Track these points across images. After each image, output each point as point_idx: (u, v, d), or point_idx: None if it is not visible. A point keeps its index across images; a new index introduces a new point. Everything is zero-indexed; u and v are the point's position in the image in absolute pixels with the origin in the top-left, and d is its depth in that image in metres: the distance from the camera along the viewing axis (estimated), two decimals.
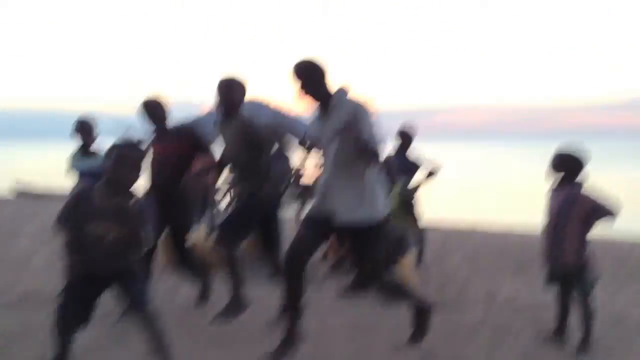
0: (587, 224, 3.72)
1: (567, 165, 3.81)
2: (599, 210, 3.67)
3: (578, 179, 3.79)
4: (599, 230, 3.92)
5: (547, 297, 4.97)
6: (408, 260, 5.03)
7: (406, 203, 5.65)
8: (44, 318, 4.23)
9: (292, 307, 3.56)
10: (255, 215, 4.28)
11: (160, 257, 6.11)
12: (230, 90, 4.21)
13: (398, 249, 5.17)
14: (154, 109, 4.51)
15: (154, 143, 4.56)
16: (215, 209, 7.92)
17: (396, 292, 3.80)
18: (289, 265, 3.51)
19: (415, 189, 6.03)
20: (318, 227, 3.57)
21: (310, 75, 3.54)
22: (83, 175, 4.93)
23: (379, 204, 3.53)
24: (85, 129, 4.95)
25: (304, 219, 3.69)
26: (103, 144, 4.94)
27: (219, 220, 7.69)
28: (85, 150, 4.98)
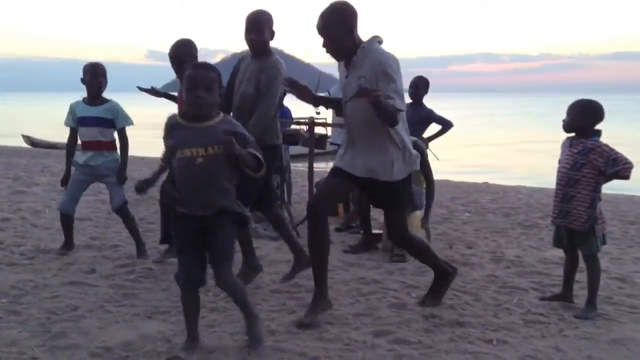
0: (601, 177, 3.63)
1: (587, 115, 3.68)
2: (617, 161, 3.54)
3: (596, 130, 3.69)
4: (608, 188, 3.86)
5: (554, 256, 4.98)
6: (418, 216, 5.01)
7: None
8: (52, 274, 4.32)
9: (318, 257, 3.49)
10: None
11: None
12: (261, 33, 4.01)
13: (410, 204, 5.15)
14: (181, 55, 4.44)
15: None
16: None
17: (417, 250, 3.82)
18: (314, 210, 3.48)
19: (427, 142, 5.97)
20: (344, 177, 3.56)
21: (330, 32, 3.46)
22: (85, 124, 4.72)
23: (405, 161, 3.54)
24: (93, 74, 4.69)
25: (331, 169, 3.69)
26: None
27: None
28: (91, 98, 4.75)
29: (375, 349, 3.09)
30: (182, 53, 4.51)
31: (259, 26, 4.02)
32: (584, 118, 3.69)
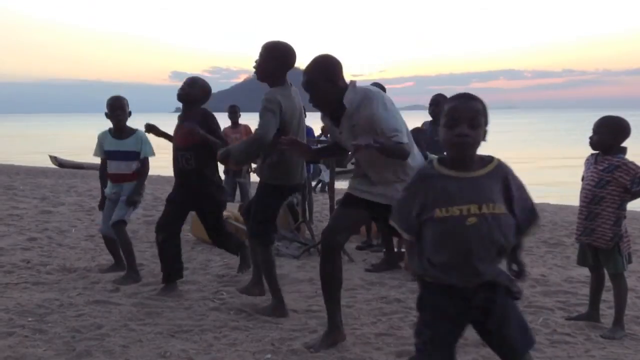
0: (626, 195, 3.57)
1: (616, 133, 3.62)
2: None
3: (621, 147, 3.65)
4: (634, 206, 3.80)
5: (580, 275, 4.90)
6: None
7: None
8: (77, 293, 4.37)
9: (329, 291, 3.37)
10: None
11: (193, 230, 6.21)
12: (268, 56, 3.83)
13: None
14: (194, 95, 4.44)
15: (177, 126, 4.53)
16: (245, 182, 7.98)
17: None
18: (328, 244, 3.37)
19: None
20: (358, 207, 3.44)
21: (314, 86, 3.36)
22: (113, 157, 4.87)
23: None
24: (111, 109, 4.78)
25: (344, 196, 3.58)
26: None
27: (247, 196, 7.77)
28: (116, 131, 4.86)
29: None
30: (196, 94, 4.46)
31: (263, 52, 3.86)
32: (614, 136, 3.64)
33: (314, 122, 6.24)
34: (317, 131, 7.51)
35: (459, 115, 2.13)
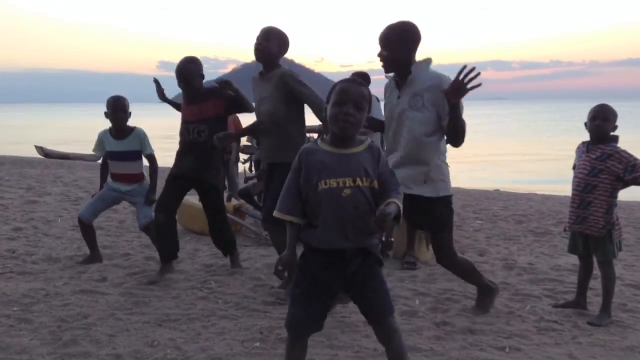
0: (618, 183, 3.58)
1: (614, 120, 3.62)
2: (636, 167, 3.48)
3: (613, 135, 3.65)
4: (621, 196, 3.81)
5: (567, 263, 4.93)
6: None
7: None
8: (63, 282, 4.33)
9: None
10: None
11: (181, 221, 6.18)
12: (267, 39, 4.03)
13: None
14: (183, 70, 4.45)
15: (185, 105, 4.56)
16: (233, 173, 7.94)
17: (463, 271, 3.76)
18: None
19: None
20: None
21: (391, 44, 3.48)
22: (114, 158, 4.83)
23: (447, 177, 3.60)
24: (113, 110, 4.71)
25: None
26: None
27: (236, 187, 7.73)
28: (116, 132, 4.78)
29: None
30: (190, 72, 4.48)
31: (266, 34, 4.04)
32: (613, 124, 3.64)
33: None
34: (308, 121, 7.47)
35: (348, 97, 2.39)
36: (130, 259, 5.09)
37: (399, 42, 3.48)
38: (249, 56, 4.59)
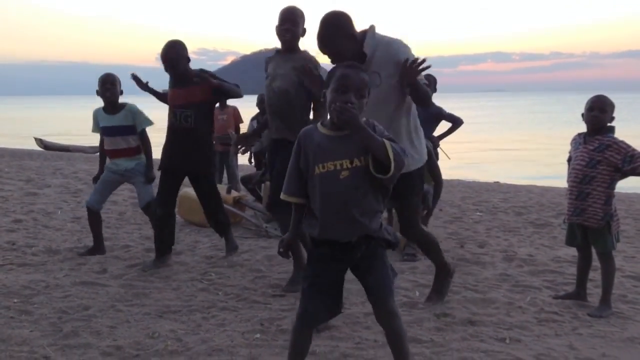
0: (616, 174, 3.56)
1: (613, 111, 3.60)
2: (634, 158, 3.47)
3: (610, 126, 3.63)
4: (620, 187, 3.81)
5: (567, 254, 4.93)
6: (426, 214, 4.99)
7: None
8: (64, 274, 4.33)
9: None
10: None
11: (180, 213, 6.17)
12: (296, 24, 3.88)
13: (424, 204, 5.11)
14: (167, 55, 4.46)
15: (172, 88, 4.57)
16: (233, 163, 7.94)
17: (427, 245, 3.76)
18: None
19: (438, 141, 5.95)
20: None
21: (331, 43, 3.39)
22: (107, 133, 4.85)
23: (418, 151, 3.53)
24: (102, 85, 4.77)
25: None
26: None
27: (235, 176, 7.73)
28: (110, 108, 4.82)
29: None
30: (175, 55, 4.48)
31: (294, 18, 3.88)
32: (612, 115, 3.63)
33: None
34: None
35: (350, 84, 2.34)
36: (131, 250, 5.09)
37: (337, 38, 3.39)
38: (249, 48, 4.58)
